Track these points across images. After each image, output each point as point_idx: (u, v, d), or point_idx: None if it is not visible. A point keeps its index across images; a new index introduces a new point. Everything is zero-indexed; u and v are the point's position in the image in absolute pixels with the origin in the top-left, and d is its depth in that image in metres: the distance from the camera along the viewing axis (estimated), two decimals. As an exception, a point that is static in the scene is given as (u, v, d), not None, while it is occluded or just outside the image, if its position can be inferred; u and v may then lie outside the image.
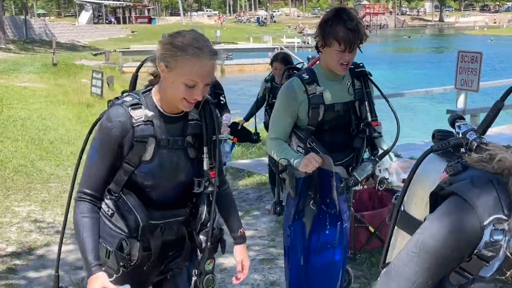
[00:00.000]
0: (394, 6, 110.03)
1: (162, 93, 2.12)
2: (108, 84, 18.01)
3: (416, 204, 1.60)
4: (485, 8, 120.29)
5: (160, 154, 2.12)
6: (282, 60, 5.77)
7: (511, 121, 12.58)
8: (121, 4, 71.66)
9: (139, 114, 2.07)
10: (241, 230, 2.52)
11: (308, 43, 50.79)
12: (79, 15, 64.88)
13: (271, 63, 6.00)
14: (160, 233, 2.21)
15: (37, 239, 5.43)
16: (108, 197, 2.16)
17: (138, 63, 2.27)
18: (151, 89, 2.18)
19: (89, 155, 2.18)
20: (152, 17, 77.16)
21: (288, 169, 3.09)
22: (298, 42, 47.66)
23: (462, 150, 1.53)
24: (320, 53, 3.08)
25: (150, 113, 2.08)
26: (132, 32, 56.04)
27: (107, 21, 66.13)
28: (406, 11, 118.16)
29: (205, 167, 2.19)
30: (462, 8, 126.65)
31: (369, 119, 3.21)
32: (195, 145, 2.20)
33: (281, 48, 34.17)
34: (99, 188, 2.16)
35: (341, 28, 2.87)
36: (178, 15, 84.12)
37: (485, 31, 74.61)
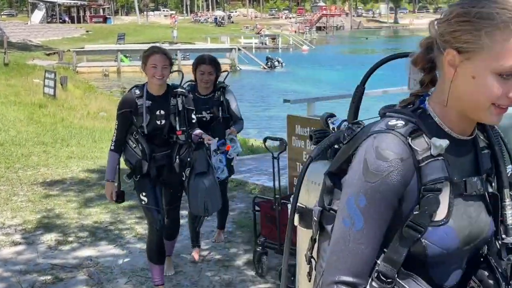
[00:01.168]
0: (350, 8, 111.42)
1: (451, 101, 1.27)
2: (62, 85, 17.64)
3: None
4: (438, 10, 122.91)
5: (457, 208, 1.29)
6: (211, 61, 4.77)
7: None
8: (75, 3, 70.39)
9: (423, 145, 1.26)
10: None
11: (265, 44, 50.99)
12: (31, 14, 63.41)
13: (194, 69, 4.82)
14: None
15: (-15, 243, 5.25)
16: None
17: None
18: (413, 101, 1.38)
19: (345, 217, 1.27)
20: (107, 16, 76.03)
21: None
22: (255, 43, 47.78)
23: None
24: None
25: (444, 142, 1.25)
26: (87, 31, 55.09)
27: (60, 20, 64.84)
28: (362, 13, 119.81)
29: (510, 221, 1.35)
30: (416, 10, 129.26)
31: None
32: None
33: (239, 49, 34.23)
34: (365, 273, 1.27)
35: None
36: (134, 14, 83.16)
37: (438, 33, 76.08)
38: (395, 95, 14.56)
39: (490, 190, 1.35)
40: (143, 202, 3.99)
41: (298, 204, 1.51)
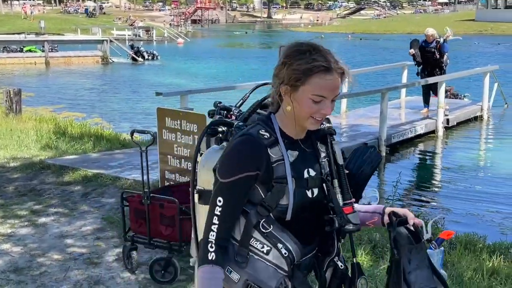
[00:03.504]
0: (224, 2, 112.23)
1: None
2: None
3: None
4: (309, 6, 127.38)
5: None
6: None
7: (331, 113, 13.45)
8: None
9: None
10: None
11: (139, 36, 50.02)
12: None
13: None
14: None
15: None
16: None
17: None
18: None
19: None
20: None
21: None
22: (129, 35, 46.70)
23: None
24: None
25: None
26: None
27: None
28: (237, 7, 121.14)
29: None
30: (288, 6, 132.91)
31: None
32: None
33: (111, 41, 33.27)
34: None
35: None
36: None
37: (309, 28, 79.04)
38: (268, 87, 14.95)
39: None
40: None
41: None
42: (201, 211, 1.98)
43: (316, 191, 1.92)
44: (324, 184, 1.94)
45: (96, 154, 8.26)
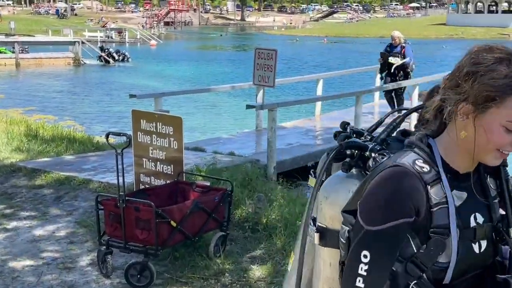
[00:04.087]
0: (198, 4, 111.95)
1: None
2: None
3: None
4: (282, 9, 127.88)
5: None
6: None
7: (306, 116, 13.51)
8: None
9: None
10: None
11: (111, 38, 49.58)
12: None
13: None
14: None
15: None
16: None
17: None
18: None
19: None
20: None
21: None
22: (101, 37, 46.25)
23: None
24: None
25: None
26: None
27: None
28: (210, 9, 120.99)
29: None
30: (262, 9, 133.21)
31: None
32: None
33: (83, 42, 32.91)
34: None
35: None
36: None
37: (283, 31, 79.35)
38: (243, 90, 14.95)
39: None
40: None
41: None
42: (321, 253, 1.58)
43: (484, 244, 1.45)
44: (495, 234, 1.47)
45: (69, 157, 8.13)
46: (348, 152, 1.54)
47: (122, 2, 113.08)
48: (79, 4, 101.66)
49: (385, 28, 71.19)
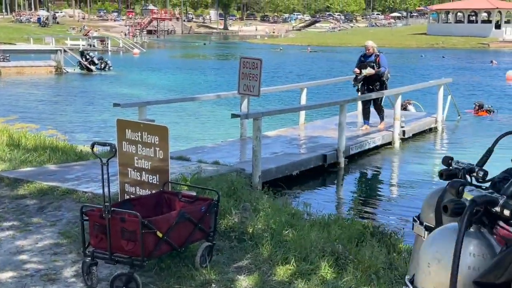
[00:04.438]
0: (181, 13, 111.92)
1: None
2: None
3: None
4: (265, 19, 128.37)
5: None
6: None
7: (290, 125, 13.53)
8: None
9: None
10: None
11: (94, 46, 49.35)
12: None
13: None
14: None
15: None
16: None
17: None
18: None
19: None
20: None
21: None
22: (83, 45, 46.04)
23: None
24: None
25: None
26: None
27: None
28: (193, 18, 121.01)
29: None
30: (244, 18, 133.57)
31: None
32: None
33: (65, 51, 32.69)
34: None
35: None
36: None
37: (266, 40, 79.61)
38: (227, 99, 14.94)
39: None
40: None
41: None
42: None
43: None
44: None
45: (52, 167, 8.05)
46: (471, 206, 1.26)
47: (105, 11, 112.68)
48: (61, 12, 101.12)
49: (367, 38, 71.68)
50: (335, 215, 6.72)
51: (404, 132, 12.26)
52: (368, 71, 11.48)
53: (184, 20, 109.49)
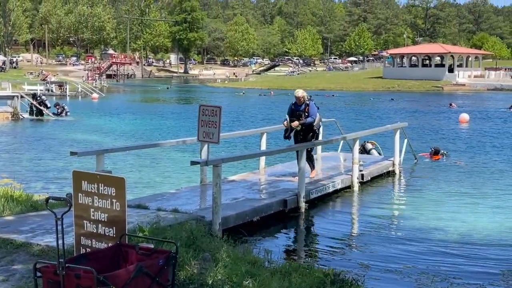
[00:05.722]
0: (140, 57, 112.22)
1: None
2: None
3: None
4: (225, 62, 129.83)
5: None
6: None
7: (250, 169, 13.53)
8: None
9: None
10: None
11: (52, 91, 48.86)
12: None
13: None
14: None
15: None
16: None
17: None
18: None
19: None
20: None
21: None
22: (41, 90, 45.49)
23: None
24: None
25: None
26: None
27: None
28: (153, 62, 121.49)
29: None
30: (205, 62, 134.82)
31: None
32: None
33: (22, 96, 32.22)
34: None
35: None
36: None
37: (226, 84, 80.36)
38: (188, 144, 14.87)
39: None
40: None
41: None
42: None
43: None
44: None
45: (6, 217, 7.82)
46: None
47: (63, 55, 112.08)
48: (19, 57, 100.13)
49: (325, 81, 73.22)
50: (296, 263, 6.69)
51: (362, 175, 12.41)
52: (295, 123, 11.22)
53: (144, 64, 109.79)
